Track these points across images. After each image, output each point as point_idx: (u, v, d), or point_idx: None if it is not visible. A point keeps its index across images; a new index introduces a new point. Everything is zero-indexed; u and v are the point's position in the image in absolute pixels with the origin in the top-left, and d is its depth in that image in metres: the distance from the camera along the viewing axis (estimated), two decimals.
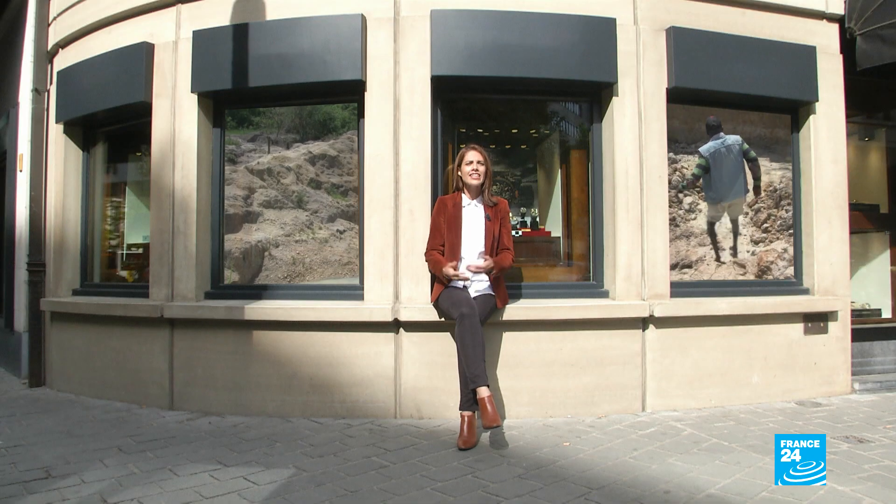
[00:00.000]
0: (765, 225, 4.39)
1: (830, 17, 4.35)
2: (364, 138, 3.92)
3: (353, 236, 4.12)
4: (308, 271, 4.22)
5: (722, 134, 4.31)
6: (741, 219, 4.35)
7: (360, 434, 3.41)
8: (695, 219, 4.27)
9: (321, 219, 4.24)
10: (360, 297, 3.89)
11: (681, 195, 4.26)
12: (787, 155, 4.44)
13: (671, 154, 4.21)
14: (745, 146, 4.33)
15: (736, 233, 4.33)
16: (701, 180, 4.28)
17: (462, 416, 3.25)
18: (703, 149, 4.29)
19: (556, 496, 2.50)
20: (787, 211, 4.41)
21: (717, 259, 4.30)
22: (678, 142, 4.29)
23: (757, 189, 4.36)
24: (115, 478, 2.76)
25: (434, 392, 3.70)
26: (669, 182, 4.17)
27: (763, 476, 2.67)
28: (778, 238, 4.41)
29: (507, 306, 3.68)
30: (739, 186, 4.34)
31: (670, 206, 4.13)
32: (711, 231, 4.30)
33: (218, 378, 3.94)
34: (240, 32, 3.98)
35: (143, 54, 4.22)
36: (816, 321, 4.19)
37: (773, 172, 4.44)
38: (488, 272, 3.43)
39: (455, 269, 3.39)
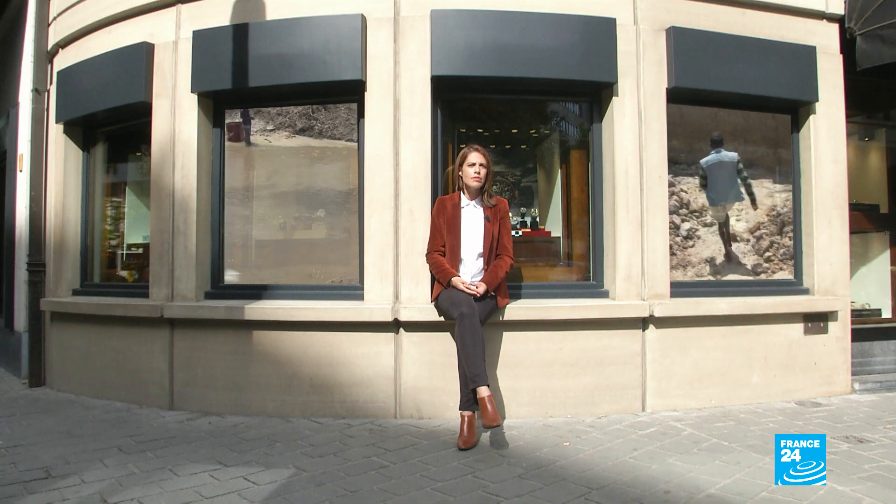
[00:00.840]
0: (767, 254, 4.37)
1: (830, 17, 4.35)
2: (364, 138, 3.92)
3: (355, 236, 4.11)
4: (309, 271, 4.22)
5: (722, 149, 4.37)
6: (743, 246, 4.35)
7: (360, 434, 3.41)
8: (692, 246, 4.25)
9: (324, 218, 4.23)
10: (360, 297, 3.89)
11: (677, 219, 4.24)
12: (791, 176, 4.43)
13: (670, 176, 4.21)
14: (740, 165, 4.39)
15: (734, 243, 4.34)
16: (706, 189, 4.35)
17: (462, 416, 3.25)
18: (703, 161, 4.35)
19: (556, 496, 2.50)
20: (790, 238, 4.40)
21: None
22: (678, 163, 4.29)
23: (753, 202, 4.39)
24: (115, 478, 2.76)
25: (434, 392, 3.70)
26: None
27: (763, 476, 2.67)
28: (781, 269, 4.38)
29: (507, 306, 3.68)
30: (734, 194, 4.39)
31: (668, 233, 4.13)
32: (719, 236, 4.33)
33: (218, 378, 3.94)
34: (240, 32, 3.98)
35: (143, 54, 4.22)
36: (816, 321, 4.19)
37: (776, 195, 4.42)
38: (484, 293, 3.40)
39: (465, 283, 3.38)
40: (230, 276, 4.27)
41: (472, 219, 3.54)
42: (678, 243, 4.24)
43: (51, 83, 5.04)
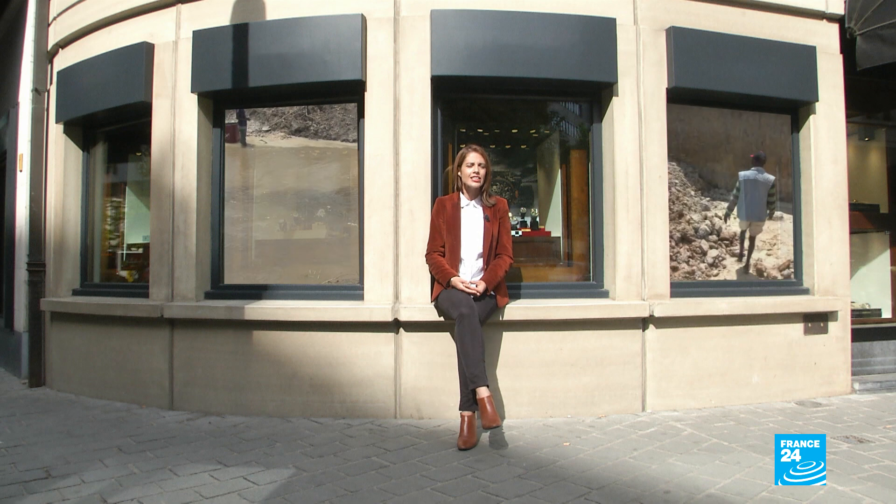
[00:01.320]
0: None
1: (830, 17, 4.35)
2: (364, 138, 3.92)
3: (355, 236, 4.11)
4: (308, 271, 4.22)
5: (763, 169, 4.43)
6: (758, 244, 4.41)
7: (360, 434, 3.41)
8: (717, 275, 4.27)
9: (322, 218, 4.23)
10: (360, 297, 3.89)
11: (706, 244, 4.26)
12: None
13: (707, 200, 4.26)
14: (773, 189, 4.45)
15: (752, 251, 4.41)
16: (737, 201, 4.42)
17: (462, 416, 3.25)
18: (742, 174, 4.42)
19: (555, 496, 2.50)
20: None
21: None
22: (717, 186, 4.34)
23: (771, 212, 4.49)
24: (115, 478, 2.76)
25: (434, 392, 3.70)
26: (696, 231, 4.24)
27: (763, 476, 2.67)
28: None
29: (507, 306, 3.68)
30: (759, 213, 4.45)
31: (693, 258, 4.15)
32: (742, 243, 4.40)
33: (218, 378, 3.94)
34: (240, 32, 3.98)
35: (143, 54, 4.22)
36: (816, 321, 4.19)
37: None
38: (484, 291, 3.41)
39: (464, 282, 3.39)
40: (230, 276, 4.27)
41: (472, 219, 3.54)
42: (702, 270, 4.26)
43: (51, 83, 5.04)
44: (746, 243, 4.43)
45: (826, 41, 4.33)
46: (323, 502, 2.47)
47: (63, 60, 4.92)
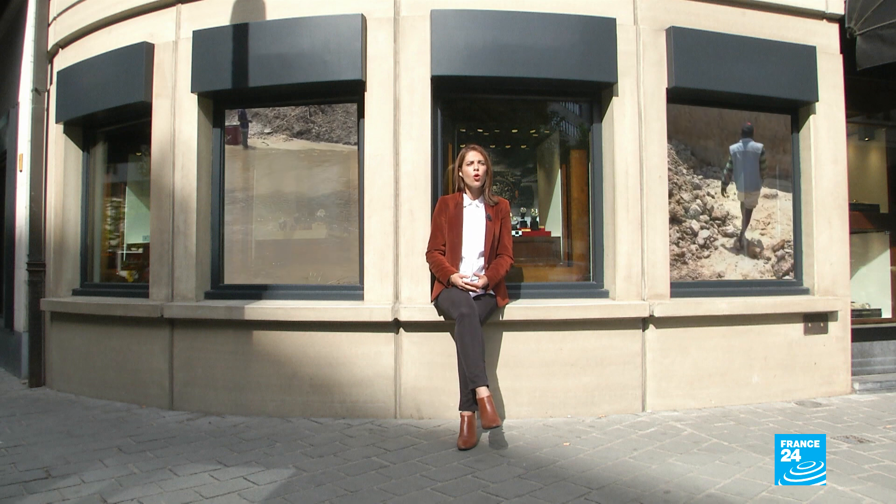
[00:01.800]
0: (787, 277, 4.40)
1: (830, 17, 4.35)
2: (364, 138, 3.92)
3: (355, 236, 4.11)
4: (308, 271, 4.22)
5: (750, 139, 4.43)
6: (762, 265, 4.39)
7: (360, 434, 3.41)
8: (707, 257, 4.26)
9: (322, 218, 4.23)
10: (360, 297, 3.89)
11: (696, 224, 4.25)
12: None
13: (699, 178, 4.25)
14: (763, 157, 4.44)
15: (753, 260, 4.39)
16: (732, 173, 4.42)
17: (462, 416, 3.25)
18: (732, 147, 4.42)
19: (555, 496, 2.50)
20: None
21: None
22: (710, 164, 4.32)
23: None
24: (115, 478, 2.76)
25: (434, 392, 3.70)
26: (687, 211, 4.22)
27: (763, 476, 2.67)
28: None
29: (507, 306, 3.68)
30: (753, 183, 4.45)
31: (682, 240, 4.15)
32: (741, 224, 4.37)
33: (218, 378, 3.94)
34: (240, 32, 3.98)
35: (143, 54, 4.22)
36: (816, 321, 4.19)
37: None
38: (485, 287, 3.43)
39: (464, 279, 3.39)
40: (230, 277, 4.27)
41: (474, 218, 3.55)
42: (693, 252, 4.24)
43: (51, 83, 5.04)
44: (740, 220, 4.42)
45: (826, 41, 4.33)
46: (323, 502, 2.47)
47: (63, 60, 4.92)
